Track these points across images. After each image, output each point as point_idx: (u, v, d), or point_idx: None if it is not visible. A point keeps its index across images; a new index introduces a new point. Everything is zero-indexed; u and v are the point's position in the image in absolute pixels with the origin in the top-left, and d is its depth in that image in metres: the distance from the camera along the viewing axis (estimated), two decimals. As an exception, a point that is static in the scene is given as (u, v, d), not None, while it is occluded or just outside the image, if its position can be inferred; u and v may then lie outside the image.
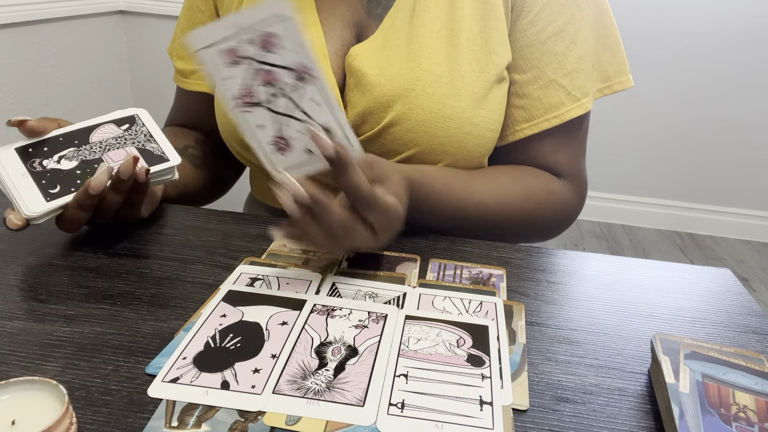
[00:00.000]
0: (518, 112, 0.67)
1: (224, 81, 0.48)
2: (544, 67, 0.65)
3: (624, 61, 0.70)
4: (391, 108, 0.62)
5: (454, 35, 0.63)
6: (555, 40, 0.65)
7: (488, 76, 0.63)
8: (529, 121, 0.67)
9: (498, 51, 0.64)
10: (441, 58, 0.62)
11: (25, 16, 1.68)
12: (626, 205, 2.66)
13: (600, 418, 0.38)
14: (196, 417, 0.36)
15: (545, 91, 0.66)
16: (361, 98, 0.63)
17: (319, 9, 0.66)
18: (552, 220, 0.69)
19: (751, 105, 2.42)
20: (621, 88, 0.70)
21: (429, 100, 0.61)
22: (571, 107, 0.66)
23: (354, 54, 0.64)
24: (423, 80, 0.61)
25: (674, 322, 0.50)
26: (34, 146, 0.55)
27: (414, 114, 0.62)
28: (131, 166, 0.53)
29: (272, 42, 0.46)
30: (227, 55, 0.47)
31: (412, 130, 0.62)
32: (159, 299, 0.48)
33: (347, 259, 0.56)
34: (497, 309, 0.49)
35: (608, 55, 0.68)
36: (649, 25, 2.38)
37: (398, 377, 0.40)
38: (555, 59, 0.65)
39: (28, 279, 0.50)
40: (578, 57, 0.65)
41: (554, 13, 0.64)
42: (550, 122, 0.66)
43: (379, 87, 0.62)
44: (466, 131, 0.63)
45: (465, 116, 0.62)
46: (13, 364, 0.40)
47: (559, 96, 0.66)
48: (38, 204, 0.52)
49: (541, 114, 0.66)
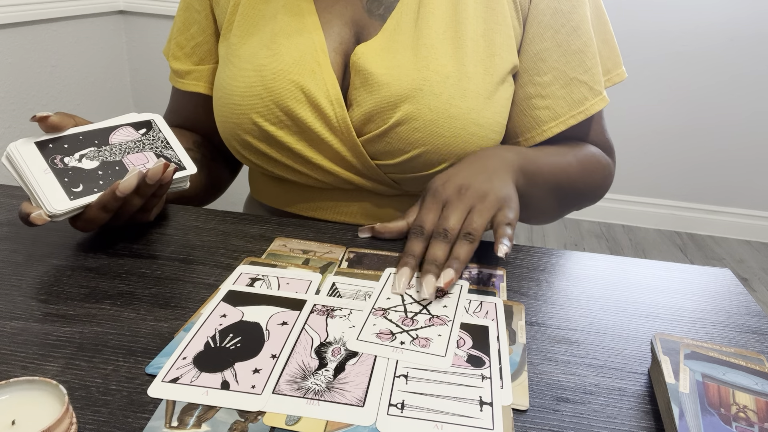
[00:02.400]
0: (543, 112, 0.69)
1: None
2: (563, 68, 0.67)
3: (618, 53, 0.73)
4: (399, 108, 0.62)
5: (459, 37, 0.63)
6: (571, 40, 0.67)
7: (492, 78, 0.64)
8: (555, 119, 0.69)
9: (501, 54, 0.65)
10: (447, 59, 0.63)
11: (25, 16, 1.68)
12: (626, 205, 2.66)
13: (600, 418, 0.38)
14: (196, 417, 0.36)
15: (568, 89, 0.68)
16: (368, 97, 0.63)
17: (317, 6, 0.66)
18: (603, 178, 0.74)
19: (751, 105, 2.42)
20: (619, 80, 0.73)
21: (437, 100, 0.62)
22: (595, 101, 0.69)
23: (359, 53, 0.64)
24: (431, 80, 0.62)
25: (674, 322, 0.50)
26: (53, 142, 0.54)
27: (421, 114, 0.62)
28: (161, 171, 0.53)
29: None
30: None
31: (419, 130, 0.62)
32: (159, 299, 0.48)
33: (347, 259, 0.56)
34: (497, 309, 0.49)
35: (606, 49, 0.71)
36: (649, 25, 2.38)
37: (398, 377, 0.40)
38: (574, 58, 0.67)
39: (28, 279, 0.50)
40: (594, 53, 0.68)
41: (566, 14, 0.66)
42: (576, 118, 0.69)
43: (387, 86, 0.62)
44: (471, 132, 0.63)
45: (471, 117, 0.63)
46: (13, 364, 0.40)
47: (582, 92, 0.68)
48: (62, 202, 0.52)
49: (566, 111, 0.69)
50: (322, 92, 0.64)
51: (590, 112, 0.69)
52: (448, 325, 0.46)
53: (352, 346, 0.43)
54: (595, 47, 0.68)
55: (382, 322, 0.46)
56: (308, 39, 0.65)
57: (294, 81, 0.64)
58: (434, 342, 0.44)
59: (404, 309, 0.48)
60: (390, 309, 0.48)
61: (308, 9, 0.66)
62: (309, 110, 0.64)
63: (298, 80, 0.64)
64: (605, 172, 0.75)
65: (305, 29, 0.66)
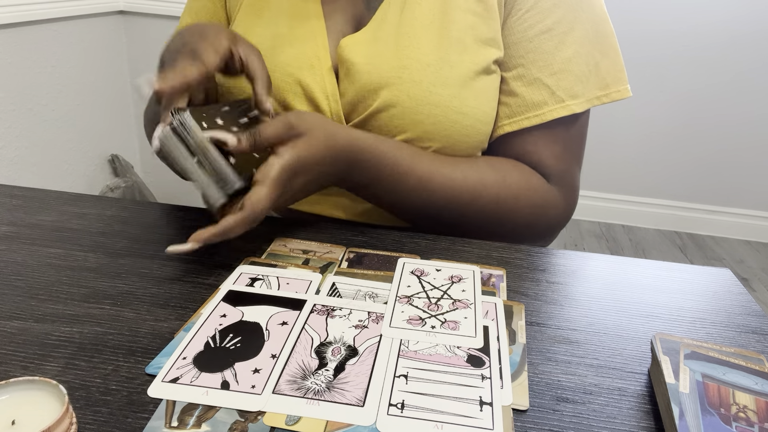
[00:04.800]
0: (502, 108, 0.67)
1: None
2: (529, 65, 0.65)
3: (622, 69, 0.68)
4: (378, 95, 0.63)
5: (445, 27, 0.63)
6: (543, 38, 0.64)
7: (477, 68, 0.63)
8: (510, 117, 0.66)
9: (490, 45, 0.64)
10: (430, 48, 0.63)
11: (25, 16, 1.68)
12: (626, 205, 2.65)
13: (600, 418, 0.38)
14: (196, 417, 0.36)
15: (529, 89, 0.65)
16: (350, 87, 0.64)
17: (323, 2, 0.67)
18: (531, 217, 0.66)
19: (751, 105, 2.42)
20: (619, 97, 0.67)
21: (416, 88, 0.62)
22: (554, 107, 0.64)
23: (344, 45, 0.65)
24: (410, 68, 0.62)
25: (674, 322, 0.50)
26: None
27: (400, 101, 0.62)
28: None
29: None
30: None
31: (399, 116, 0.63)
32: (159, 299, 0.48)
33: (347, 259, 0.56)
34: (497, 309, 0.49)
35: (606, 63, 0.66)
36: (648, 26, 2.38)
37: (398, 377, 0.40)
38: (541, 57, 0.64)
39: (28, 279, 0.50)
40: (566, 58, 0.64)
41: (544, 12, 0.64)
42: (531, 120, 0.65)
43: (367, 75, 0.63)
44: (453, 119, 0.63)
45: (452, 105, 0.62)
46: (13, 364, 0.40)
47: (543, 95, 0.65)
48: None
49: (523, 112, 0.65)
50: (319, 87, 0.64)
51: (546, 117, 0.64)
52: (471, 307, 0.48)
53: (386, 334, 0.44)
54: (572, 53, 0.64)
55: (409, 308, 0.48)
56: (310, 33, 0.66)
57: (292, 74, 0.65)
58: (462, 324, 0.46)
59: (426, 295, 0.50)
60: (413, 296, 0.49)
61: (314, 4, 0.67)
62: (305, 104, 0.65)
63: (297, 74, 0.65)
64: (536, 206, 0.66)
65: (308, 23, 0.66)
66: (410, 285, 0.51)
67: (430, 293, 0.50)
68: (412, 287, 0.51)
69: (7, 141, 1.69)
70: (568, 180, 0.69)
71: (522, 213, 0.65)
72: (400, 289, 0.50)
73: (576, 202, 0.70)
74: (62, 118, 1.90)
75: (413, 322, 0.46)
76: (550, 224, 0.68)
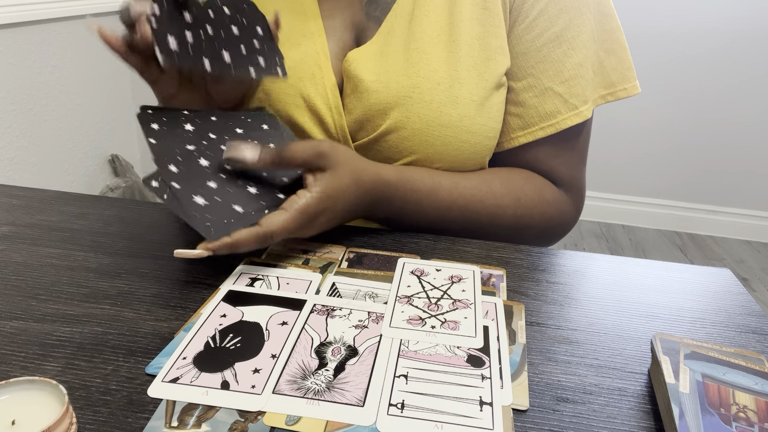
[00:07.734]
0: (514, 119, 0.66)
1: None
2: (539, 75, 0.64)
3: (630, 66, 0.67)
4: (388, 116, 0.62)
5: (453, 40, 0.62)
6: (551, 46, 0.63)
7: (486, 83, 0.62)
8: (524, 129, 0.66)
9: (496, 57, 0.63)
10: (439, 64, 0.61)
11: (25, 16, 1.68)
12: (626, 205, 2.66)
13: (600, 418, 0.38)
14: (196, 417, 0.36)
15: (541, 99, 0.64)
16: (358, 104, 0.63)
17: (321, 8, 0.66)
18: (544, 228, 0.67)
19: (751, 105, 2.42)
20: (626, 95, 0.67)
21: (426, 108, 0.61)
22: (568, 115, 0.64)
23: (351, 59, 0.63)
24: (420, 87, 0.61)
25: (674, 322, 0.50)
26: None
27: (410, 122, 0.61)
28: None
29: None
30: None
31: (409, 138, 0.62)
32: (159, 299, 0.48)
33: (347, 259, 0.56)
34: (497, 309, 0.49)
35: (612, 60, 0.66)
36: (649, 27, 2.38)
37: (398, 377, 0.40)
38: (551, 66, 0.63)
39: (28, 279, 0.50)
40: (576, 63, 0.63)
41: (552, 19, 0.63)
42: (546, 131, 0.65)
43: (376, 94, 0.62)
44: (463, 139, 0.62)
45: (463, 125, 0.62)
46: (13, 364, 0.40)
47: (555, 104, 0.64)
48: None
49: (537, 122, 0.65)
50: (322, 98, 0.63)
51: (561, 126, 0.64)
52: (471, 307, 0.48)
53: (386, 334, 0.44)
54: (582, 58, 0.63)
55: (409, 308, 0.48)
56: (311, 42, 0.65)
57: (294, 86, 0.64)
58: (462, 324, 0.46)
59: (426, 295, 0.50)
60: (413, 296, 0.49)
61: (312, 11, 0.66)
62: (308, 116, 0.64)
63: (298, 85, 0.64)
64: (550, 218, 0.67)
65: (308, 32, 0.65)
66: (410, 285, 0.51)
67: (430, 293, 0.50)
68: (412, 287, 0.51)
69: (7, 141, 1.69)
70: (577, 184, 0.70)
71: (537, 226, 0.67)
72: (400, 289, 0.50)
73: (583, 203, 0.71)
74: (62, 118, 1.90)
75: (413, 322, 0.46)
76: (562, 230, 0.70)
